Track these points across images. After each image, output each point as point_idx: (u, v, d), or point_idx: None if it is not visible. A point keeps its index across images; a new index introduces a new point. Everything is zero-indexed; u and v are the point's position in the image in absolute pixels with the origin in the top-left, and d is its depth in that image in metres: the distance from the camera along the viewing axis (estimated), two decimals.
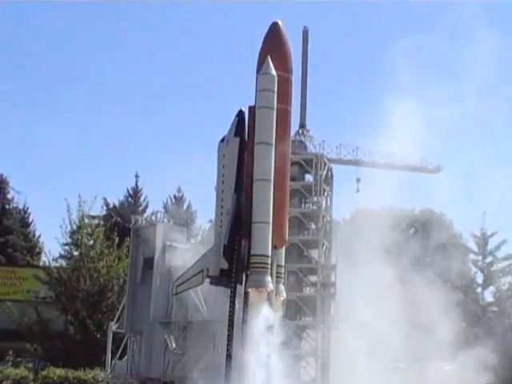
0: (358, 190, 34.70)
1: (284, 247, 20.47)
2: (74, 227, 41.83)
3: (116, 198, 55.56)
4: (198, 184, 27.34)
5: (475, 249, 43.40)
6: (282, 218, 20.07)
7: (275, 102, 19.74)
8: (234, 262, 19.68)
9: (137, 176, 55.42)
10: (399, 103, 28.80)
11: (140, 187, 55.50)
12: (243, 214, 19.74)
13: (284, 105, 20.13)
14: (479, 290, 43.43)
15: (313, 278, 30.58)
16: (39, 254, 54.91)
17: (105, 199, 53.41)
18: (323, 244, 30.91)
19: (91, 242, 41.48)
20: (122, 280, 39.44)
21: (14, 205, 56.77)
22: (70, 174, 72.38)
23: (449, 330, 30.29)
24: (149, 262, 31.11)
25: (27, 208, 57.31)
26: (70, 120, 74.28)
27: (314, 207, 31.60)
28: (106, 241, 41.68)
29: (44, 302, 42.44)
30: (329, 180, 32.06)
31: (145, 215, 47.91)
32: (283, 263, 20.44)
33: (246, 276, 19.58)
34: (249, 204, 19.66)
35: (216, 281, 20.35)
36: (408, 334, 27.85)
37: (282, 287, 20.33)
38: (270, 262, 19.31)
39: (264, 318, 19.12)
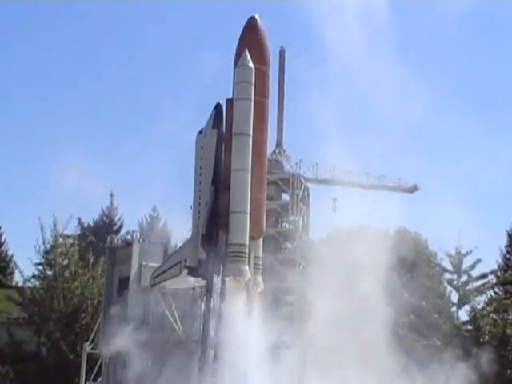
0: (334, 210, 34.89)
1: (261, 239, 20.51)
2: (48, 247, 41.36)
3: (91, 217, 55.12)
4: (174, 203, 27.21)
5: (450, 268, 43.62)
6: (260, 209, 20.26)
7: (253, 94, 20.01)
8: (212, 252, 19.64)
9: (111, 195, 55.07)
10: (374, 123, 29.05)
11: (115, 206, 55.16)
12: (221, 204, 19.73)
13: (261, 97, 20.22)
14: (454, 309, 43.58)
15: (289, 298, 30.52)
16: (12, 274, 54.13)
17: (79, 218, 52.99)
18: (299, 263, 30.90)
19: (65, 261, 41.02)
20: (96, 300, 39.02)
21: None
22: (44, 192, 71.63)
23: (424, 349, 30.35)
24: (124, 282, 30.81)
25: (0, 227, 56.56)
26: (43, 137, 73.66)
27: (291, 226, 31.65)
28: (80, 261, 41.26)
29: (16, 323, 41.79)
30: (305, 199, 32.24)
31: (120, 234, 47.64)
32: (261, 255, 20.45)
33: (224, 267, 19.53)
34: (226, 195, 19.85)
35: (193, 271, 20.32)
36: (380, 351, 27.81)
37: (259, 278, 20.36)
38: (247, 251, 19.38)
39: (241, 308, 19.00)
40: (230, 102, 20.51)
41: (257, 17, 20.91)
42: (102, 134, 74.73)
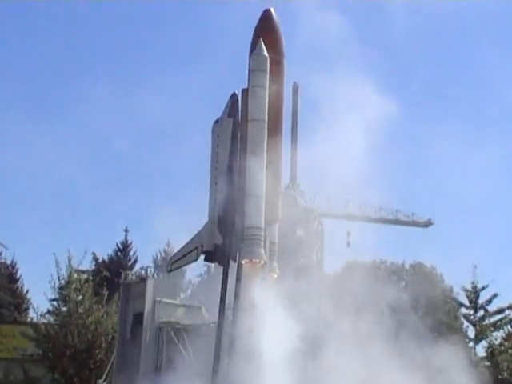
0: (348, 244, 34.87)
1: (277, 225, 20.62)
2: (63, 282, 41.41)
3: (105, 252, 55.27)
4: (188, 237, 27.37)
5: (466, 303, 43.24)
6: (275, 194, 20.56)
7: (267, 81, 20.59)
8: (228, 236, 19.63)
9: (126, 230, 55.27)
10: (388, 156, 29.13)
11: (129, 241, 55.31)
12: (236, 190, 20.31)
13: (276, 85, 20.94)
14: (471, 344, 43.09)
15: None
16: (27, 310, 54.21)
17: (94, 254, 53.11)
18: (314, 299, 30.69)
19: (80, 297, 41.02)
20: (110, 336, 38.90)
21: (2, 260, 56.31)
22: (59, 228, 71.98)
23: None
24: (138, 318, 30.75)
25: (15, 263, 56.83)
26: (57, 174, 74.19)
27: (305, 261, 31.54)
28: (94, 296, 41.26)
29: (31, 360, 41.71)
30: (319, 234, 32.12)
31: (134, 269, 47.53)
32: (276, 241, 20.54)
33: (240, 251, 19.60)
34: (242, 180, 20.17)
35: (210, 257, 20.47)
36: None
37: (275, 264, 20.45)
38: (263, 234, 19.46)
39: (258, 291, 18.99)
40: (245, 91, 20.94)
41: (272, 9, 21.58)
42: (115, 171, 75.27)
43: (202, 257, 21.79)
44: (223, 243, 20.49)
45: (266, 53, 20.83)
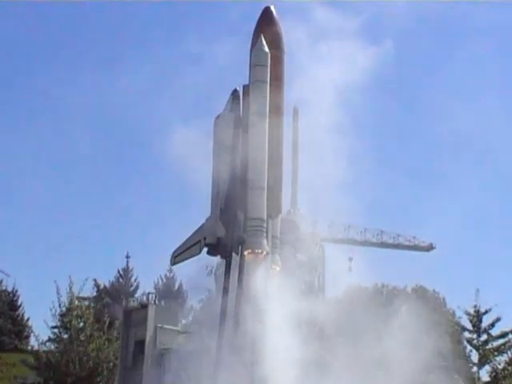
0: (350, 269, 34.70)
1: (279, 218, 20.53)
2: (64, 309, 41.22)
3: (107, 278, 55.12)
4: (189, 264, 27.31)
5: (469, 326, 42.97)
6: (277, 187, 21.06)
7: (268, 76, 20.94)
8: (231, 229, 20.22)
9: (127, 257, 54.94)
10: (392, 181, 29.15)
11: (131, 267, 55.07)
12: (238, 183, 20.59)
13: (276, 81, 21.33)
14: (475, 369, 42.75)
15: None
16: (27, 337, 53.94)
17: (95, 280, 52.94)
18: (315, 324, 30.55)
19: (81, 324, 40.81)
20: (111, 364, 38.65)
21: (3, 287, 56.14)
22: (60, 255, 71.93)
23: None
24: (140, 345, 30.64)
25: (16, 291, 56.68)
26: (58, 203, 74.33)
27: (307, 286, 31.43)
28: (96, 323, 41.05)
29: None
30: (321, 259, 32.07)
31: (136, 295, 47.42)
32: (278, 235, 20.79)
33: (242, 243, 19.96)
34: (244, 174, 20.50)
35: (213, 250, 20.81)
36: None
37: (277, 257, 20.45)
38: (265, 226, 19.99)
39: (260, 282, 19.34)
40: (246, 87, 21.42)
41: (272, 7, 22.10)
42: (119, 195, 75.34)
43: (205, 250, 21.80)
44: (225, 235, 20.49)
45: (266, 48, 21.25)
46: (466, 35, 72.45)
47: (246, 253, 20.07)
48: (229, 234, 20.63)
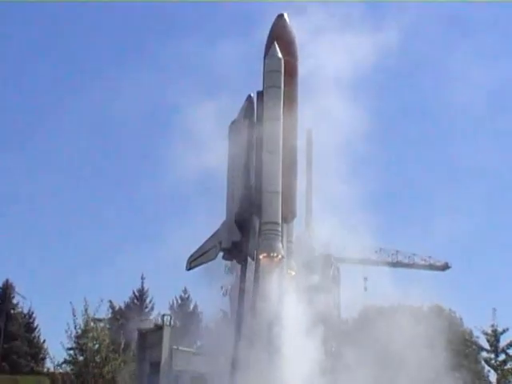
0: (365, 289, 34.67)
1: (294, 223, 21.33)
2: (79, 331, 41.23)
3: (122, 300, 55.13)
4: (203, 284, 27.26)
5: (487, 346, 42.56)
6: (291, 190, 21.01)
7: (282, 82, 21.17)
8: (246, 233, 20.44)
9: (142, 278, 55.16)
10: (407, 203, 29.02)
11: (146, 289, 55.14)
12: (253, 189, 20.79)
13: (290, 87, 21.50)
14: None
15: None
16: (43, 359, 53.97)
17: (110, 302, 52.90)
18: (331, 344, 30.40)
19: (96, 346, 40.78)
20: None
21: (19, 310, 56.21)
22: (76, 277, 72.07)
23: None
24: (155, 367, 30.50)
25: (32, 313, 56.73)
26: (75, 225, 74.67)
27: (322, 307, 31.29)
28: (111, 345, 41.01)
29: None
30: (336, 279, 31.96)
31: (151, 317, 47.23)
32: (293, 240, 21.19)
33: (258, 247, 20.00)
34: (259, 179, 20.68)
35: (229, 254, 20.86)
36: None
37: (293, 262, 20.73)
38: (280, 229, 20.00)
39: (276, 287, 19.44)
40: (260, 93, 21.71)
41: (285, 15, 22.28)
42: (132, 218, 75.57)
43: (221, 255, 22.00)
44: (241, 240, 20.57)
45: (280, 55, 21.47)
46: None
47: (261, 256, 20.08)
48: (244, 238, 20.59)
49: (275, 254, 20.08)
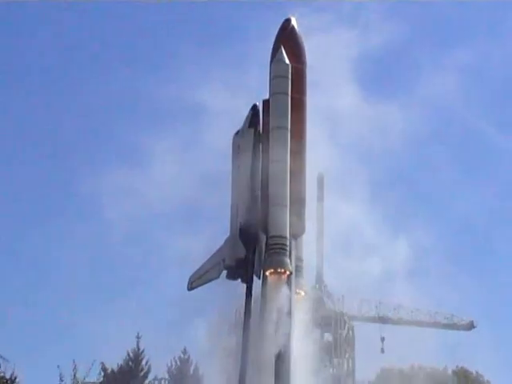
0: (382, 350, 32.55)
1: (303, 238, 20.20)
2: None
3: (115, 361, 51.96)
4: (204, 343, 24.96)
5: None
6: (299, 203, 20.11)
7: (289, 88, 20.50)
8: (251, 250, 19.67)
9: (138, 337, 52.17)
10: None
11: (141, 349, 52.14)
12: (259, 202, 20.05)
13: (298, 94, 20.69)
14: None
15: None
16: None
17: (102, 364, 49.80)
18: None
19: None
20: None
21: (1, 374, 53.07)
22: (64, 337, 68.74)
23: None
24: None
25: (15, 377, 53.52)
26: (60, 275, 71.86)
27: (335, 370, 29.13)
28: None
29: None
30: (350, 339, 29.82)
31: (147, 381, 44.60)
32: (303, 257, 20.19)
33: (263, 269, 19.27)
34: (265, 192, 19.94)
35: (232, 273, 20.04)
36: None
37: (302, 281, 19.97)
38: (288, 244, 19.22)
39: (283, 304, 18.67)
40: (266, 102, 21.30)
41: (293, 19, 21.77)
42: (128, 271, 72.91)
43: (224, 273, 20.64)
44: (246, 257, 19.80)
45: (287, 60, 20.92)
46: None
47: (267, 273, 19.36)
48: (249, 255, 19.84)
49: (283, 270, 19.08)
